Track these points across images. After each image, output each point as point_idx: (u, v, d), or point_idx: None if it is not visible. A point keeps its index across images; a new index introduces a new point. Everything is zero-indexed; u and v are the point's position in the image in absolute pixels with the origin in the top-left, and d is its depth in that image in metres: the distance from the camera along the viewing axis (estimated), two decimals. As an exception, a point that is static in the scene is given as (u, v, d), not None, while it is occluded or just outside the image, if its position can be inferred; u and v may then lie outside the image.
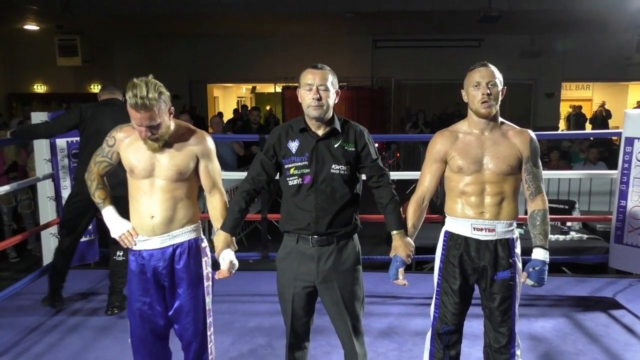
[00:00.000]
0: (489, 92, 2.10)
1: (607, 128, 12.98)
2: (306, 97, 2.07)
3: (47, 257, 4.27)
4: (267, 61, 13.07)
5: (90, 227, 3.98)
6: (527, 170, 2.18)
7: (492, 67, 2.16)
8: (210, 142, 2.21)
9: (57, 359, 2.95)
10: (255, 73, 13.70)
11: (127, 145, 2.15)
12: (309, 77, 2.07)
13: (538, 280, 2.12)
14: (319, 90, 2.05)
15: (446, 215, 2.28)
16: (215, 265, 2.22)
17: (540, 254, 2.15)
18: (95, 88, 14.09)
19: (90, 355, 2.98)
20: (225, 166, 5.99)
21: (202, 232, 2.28)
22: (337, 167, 2.11)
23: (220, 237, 2.18)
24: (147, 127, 2.01)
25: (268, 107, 15.07)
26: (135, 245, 2.19)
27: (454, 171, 2.19)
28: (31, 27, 11.48)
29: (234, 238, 2.21)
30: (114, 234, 2.22)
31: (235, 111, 13.09)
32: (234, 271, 2.17)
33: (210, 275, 2.27)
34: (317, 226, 2.12)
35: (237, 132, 8.22)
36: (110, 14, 10.12)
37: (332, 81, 2.09)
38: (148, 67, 2.20)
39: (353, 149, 2.14)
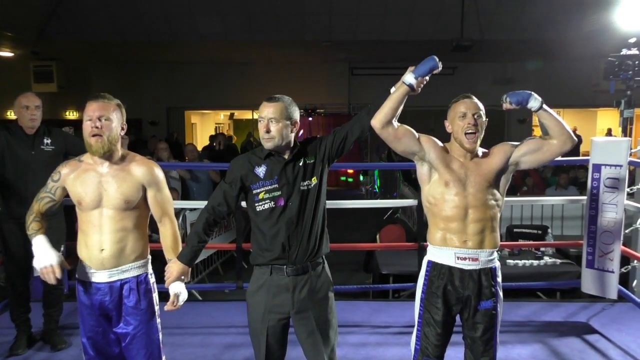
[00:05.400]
0: (474, 122, 2.16)
1: (578, 153, 13.32)
2: (260, 130, 2.13)
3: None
4: (245, 88, 13.12)
5: None
6: (528, 143, 2.24)
7: (475, 99, 2.22)
8: (158, 172, 2.21)
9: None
10: (233, 100, 13.73)
11: (74, 179, 2.14)
12: (262, 110, 2.13)
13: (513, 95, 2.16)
14: (269, 123, 2.10)
15: (428, 244, 2.29)
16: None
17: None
18: (71, 114, 13.95)
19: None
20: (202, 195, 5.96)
21: (151, 267, 2.26)
22: (305, 183, 2.15)
23: (175, 266, 2.15)
24: (97, 117, 2.04)
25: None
26: (53, 282, 2.09)
27: (441, 185, 2.19)
28: (6, 53, 11.36)
29: (190, 269, 2.18)
30: (36, 263, 2.09)
31: (212, 137, 13.15)
32: (180, 304, 2.14)
33: (159, 312, 2.25)
34: (291, 251, 2.11)
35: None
36: (86, 40, 10.09)
37: (284, 113, 2.11)
38: (125, 94, 2.22)
39: (313, 160, 2.18)
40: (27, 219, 2.20)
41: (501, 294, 2.23)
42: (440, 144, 2.26)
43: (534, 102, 2.15)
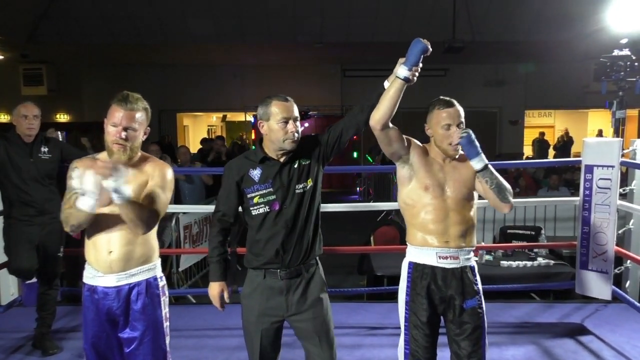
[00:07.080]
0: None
1: (569, 153, 13.42)
2: (281, 131, 2.07)
3: (5, 295, 4.09)
4: (237, 90, 13.10)
5: None
6: (483, 183, 2.19)
7: (457, 105, 2.18)
8: (166, 171, 2.11)
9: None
10: (225, 102, 13.69)
11: None
12: (284, 111, 2.08)
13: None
14: (296, 122, 2.09)
15: (408, 245, 2.26)
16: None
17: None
18: (62, 117, 13.85)
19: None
20: (194, 197, 5.93)
21: (161, 270, 2.18)
22: (301, 186, 2.12)
23: (213, 287, 2.21)
24: (124, 128, 1.97)
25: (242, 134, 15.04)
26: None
27: (420, 189, 2.18)
28: (-5, 56, 11.27)
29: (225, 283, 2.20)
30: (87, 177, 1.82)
31: (204, 140, 13.11)
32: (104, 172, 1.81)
33: (168, 315, 2.18)
34: (285, 255, 2.10)
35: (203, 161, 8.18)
36: (77, 43, 10.03)
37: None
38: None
39: (308, 162, 2.16)
40: (64, 217, 2.03)
41: (482, 292, 2.22)
42: (421, 145, 2.25)
43: (478, 162, 2.12)
